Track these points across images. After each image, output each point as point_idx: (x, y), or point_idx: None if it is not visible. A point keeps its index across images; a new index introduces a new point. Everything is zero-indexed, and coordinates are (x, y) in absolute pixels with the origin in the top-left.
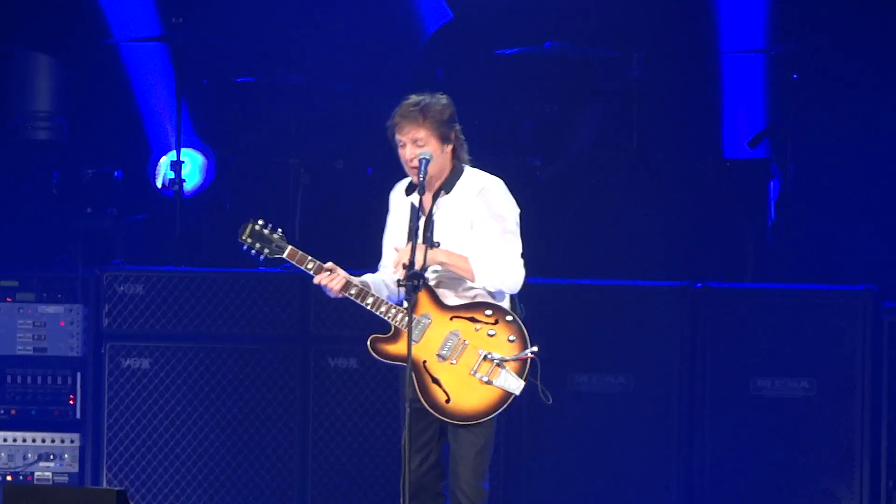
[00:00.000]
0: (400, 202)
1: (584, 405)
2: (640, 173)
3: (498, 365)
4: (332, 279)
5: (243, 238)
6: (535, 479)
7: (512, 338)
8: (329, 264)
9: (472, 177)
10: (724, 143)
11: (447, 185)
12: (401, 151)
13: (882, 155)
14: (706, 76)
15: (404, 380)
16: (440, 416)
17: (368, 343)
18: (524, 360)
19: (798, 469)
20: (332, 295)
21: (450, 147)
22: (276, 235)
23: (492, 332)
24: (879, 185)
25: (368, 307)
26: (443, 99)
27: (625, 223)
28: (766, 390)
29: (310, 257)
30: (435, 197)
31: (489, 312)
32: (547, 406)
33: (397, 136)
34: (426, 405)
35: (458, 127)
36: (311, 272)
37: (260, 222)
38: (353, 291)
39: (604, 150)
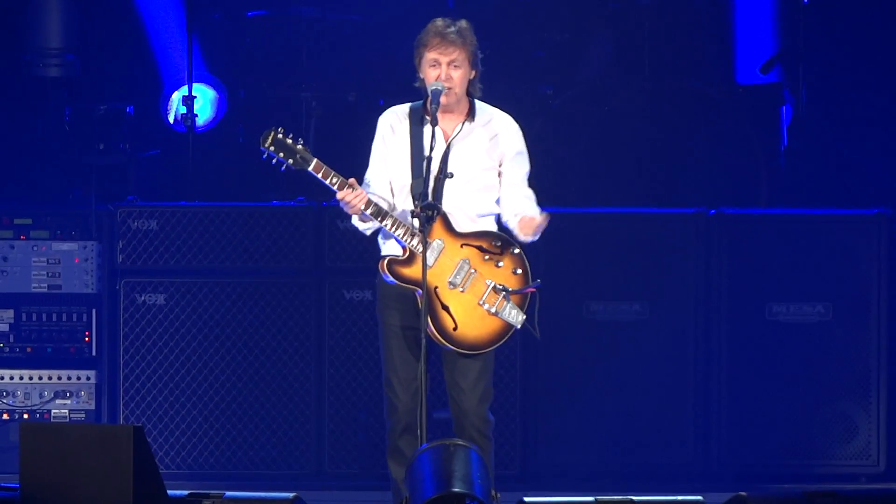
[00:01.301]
0: (401, 127)
1: (600, 333)
2: (652, 100)
3: (504, 297)
4: (356, 196)
5: (266, 146)
6: (552, 408)
7: (518, 270)
8: (352, 180)
9: (490, 111)
10: (736, 69)
11: (471, 115)
12: (430, 71)
13: (893, 79)
14: (717, 2)
15: (392, 305)
16: (446, 343)
17: (385, 264)
18: (525, 294)
19: (814, 394)
20: (350, 212)
21: (474, 73)
22: (299, 146)
23: (500, 263)
24: (891, 107)
25: (386, 227)
26: (467, 23)
27: (638, 151)
28: (782, 315)
29: (333, 171)
30: (461, 125)
31: (498, 243)
32: (563, 335)
33: (433, 55)
34: (434, 331)
35: (480, 55)
36: (335, 187)
37: (282, 130)
38: (371, 210)
39: (615, 78)
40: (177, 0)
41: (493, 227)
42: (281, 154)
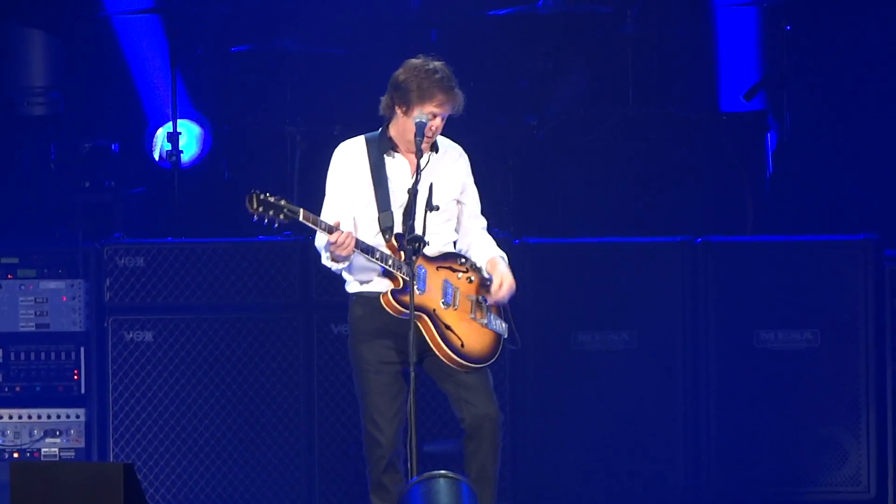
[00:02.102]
0: (361, 161)
1: (589, 363)
2: (637, 129)
3: (486, 308)
4: (346, 235)
5: (253, 210)
6: (541, 438)
7: (486, 282)
8: (337, 221)
9: (444, 141)
10: (720, 97)
11: (434, 148)
12: (425, 120)
13: (877, 103)
14: (700, 29)
15: (369, 342)
16: (459, 361)
17: (389, 295)
18: (502, 307)
19: (804, 420)
20: (343, 253)
21: None
22: (282, 201)
23: (471, 279)
24: (876, 133)
25: (375, 260)
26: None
27: (623, 180)
28: (770, 343)
29: (321, 217)
30: (427, 159)
31: (462, 261)
32: (551, 365)
33: (434, 109)
34: (448, 350)
35: None
36: (326, 231)
37: (262, 192)
38: (362, 247)
39: (600, 107)
40: (160, 36)
41: (451, 246)
42: (270, 213)
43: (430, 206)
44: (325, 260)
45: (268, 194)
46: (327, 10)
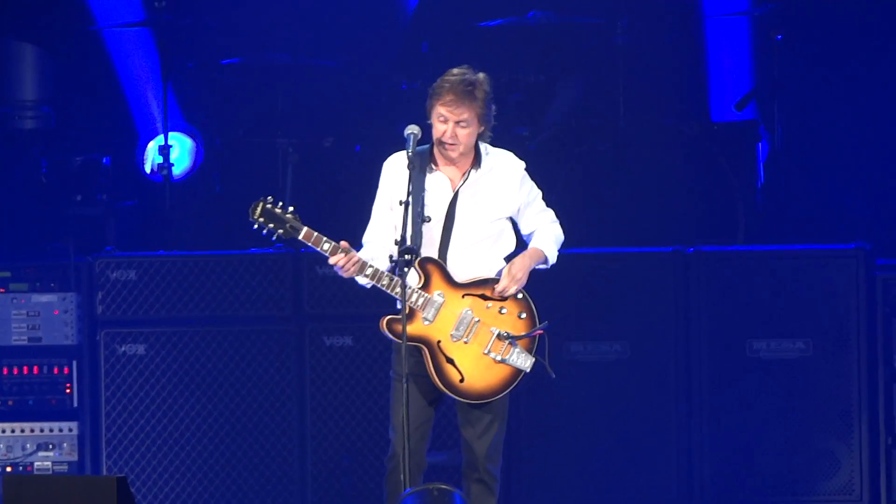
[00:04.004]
0: (399, 176)
1: (582, 374)
2: (629, 140)
3: (510, 343)
4: (349, 260)
5: (255, 217)
6: (534, 449)
7: (523, 314)
8: (344, 244)
9: (493, 156)
10: (711, 107)
11: (476, 163)
12: (438, 125)
13: (868, 112)
14: (691, 40)
15: (400, 356)
16: (454, 396)
17: (385, 324)
18: (533, 337)
19: (797, 430)
20: (344, 275)
21: (483, 128)
22: (288, 215)
23: (503, 310)
24: (867, 142)
25: (384, 287)
26: (483, 76)
27: (615, 190)
28: (762, 352)
29: (325, 238)
30: (466, 173)
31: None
32: (544, 376)
33: (443, 111)
34: (441, 385)
35: (494, 108)
36: (327, 253)
37: (270, 199)
38: (368, 272)
39: (591, 118)
40: (151, 50)
41: (493, 272)
42: (271, 225)
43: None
44: (358, 277)
45: (276, 206)
46: (318, 23)
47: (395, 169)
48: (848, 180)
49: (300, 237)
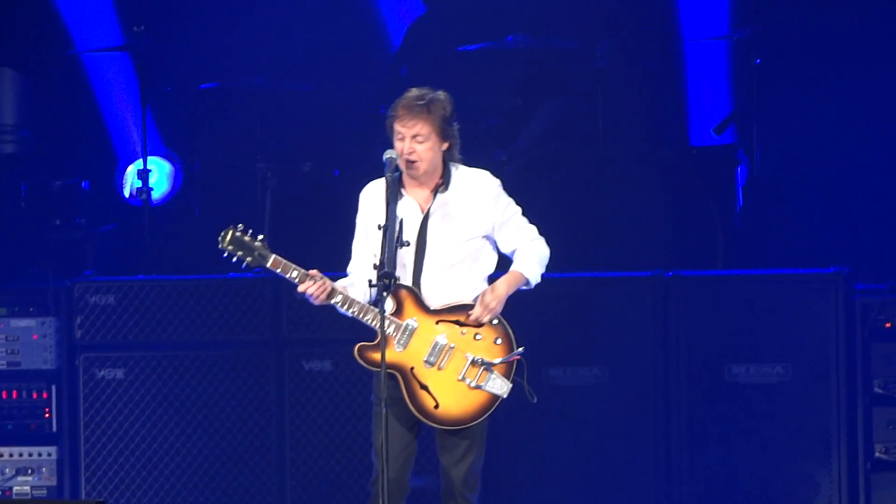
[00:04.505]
0: (377, 203)
1: (561, 398)
2: (607, 164)
3: (486, 369)
4: (318, 287)
5: (224, 245)
6: (513, 473)
7: (498, 340)
8: (313, 272)
9: (465, 175)
10: (690, 131)
11: (444, 183)
12: (398, 144)
13: (846, 136)
14: (669, 64)
15: (381, 381)
16: (429, 423)
17: (356, 351)
18: (510, 362)
19: (776, 454)
20: (315, 303)
21: (446, 144)
22: (257, 243)
23: (478, 336)
24: (845, 166)
25: (354, 314)
26: (443, 95)
27: (593, 214)
28: (742, 376)
29: (294, 266)
30: (434, 195)
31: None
32: (522, 400)
33: (397, 127)
34: (415, 411)
35: (456, 125)
36: (296, 280)
37: (240, 227)
38: (338, 299)
39: (570, 142)
40: (130, 74)
41: (467, 298)
42: (240, 252)
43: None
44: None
45: (245, 234)
46: (296, 47)
47: (370, 196)
48: (827, 204)
49: (268, 265)
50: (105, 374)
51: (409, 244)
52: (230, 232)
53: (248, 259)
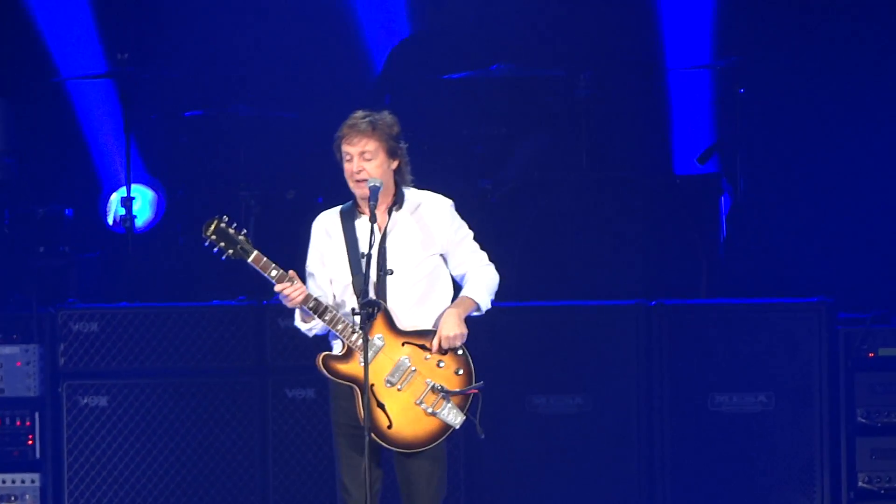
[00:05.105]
0: (335, 230)
1: (543, 427)
2: (591, 193)
3: (443, 397)
4: (294, 289)
5: (208, 234)
6: (497, 502)
7: (460, 371)
8: (291, 272)
9: (417, 197)
10: (674, 160)
11: (397, 205)
12: (346, 165)
13: (830, 166)
14: (653, 93)
15: (339, 404)
16: (379, 441)
17: (320, 360)
18: (467, 395)
19: (759, 483)
20: (289, 305)
21: (395, 164)
22: (241, 237)
23: (441, 363)
24: (829, 195)
25: (325, 322)
26: (389, 115)
27: (577, 243)
28: (725, 405)
29: (274, 264)
30: (388, 214)
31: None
32: (506, 429)
33: (345, 148)
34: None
35: (403, 144)
36: (274, 280)
37: (226, 219)
38: (311, 304)
39: (553, 171)
40: (114, 101)
41: (432, 315)
42: (222, 244)
43: (383, 270)
44: (297, 321)
45: (229, 226)
46: (280, 75)
47: (321, 227)
48: (810, 234)
49: (249, 260)
50: (88, 402)
51: (392, 272)
52: (215, 222)
53: (230, 251)
